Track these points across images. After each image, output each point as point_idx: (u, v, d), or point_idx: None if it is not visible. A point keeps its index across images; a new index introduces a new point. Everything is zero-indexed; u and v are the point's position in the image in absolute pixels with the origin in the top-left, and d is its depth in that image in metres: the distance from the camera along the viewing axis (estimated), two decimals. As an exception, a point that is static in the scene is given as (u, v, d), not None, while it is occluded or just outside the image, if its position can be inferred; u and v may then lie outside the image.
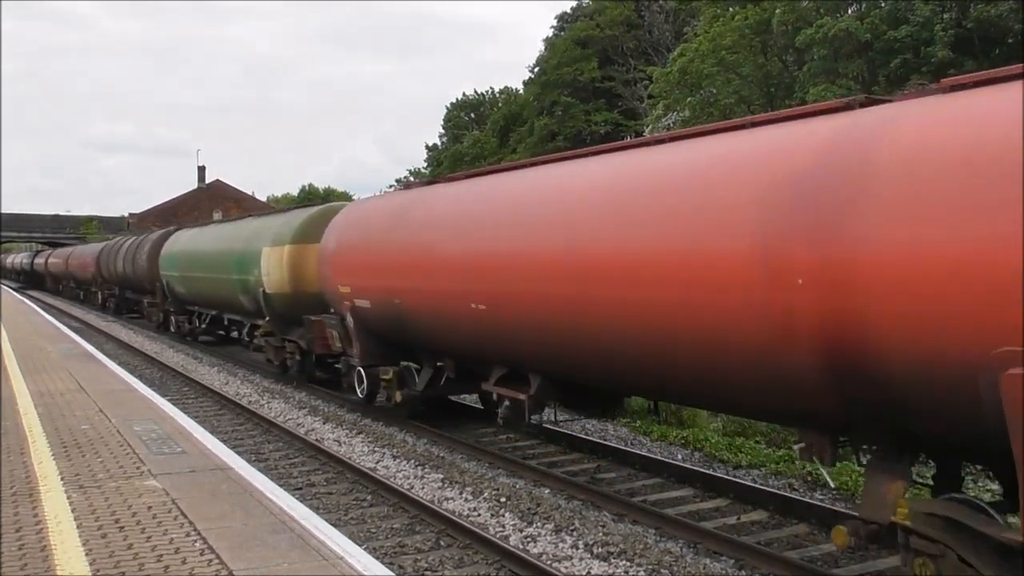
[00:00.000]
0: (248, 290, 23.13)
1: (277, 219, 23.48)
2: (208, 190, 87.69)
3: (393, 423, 16.86)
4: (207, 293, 28.33)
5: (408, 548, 9.92)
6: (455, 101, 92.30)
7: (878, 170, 6.73)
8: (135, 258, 38.58)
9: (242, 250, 23.80)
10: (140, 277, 37.95)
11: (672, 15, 55.14)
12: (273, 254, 21.42)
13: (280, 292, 21.17)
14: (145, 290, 38.18)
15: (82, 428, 12.39)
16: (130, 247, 41.17)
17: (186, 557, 7.01)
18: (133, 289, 42.02)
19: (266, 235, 22.44)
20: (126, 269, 40.86)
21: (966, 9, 31.26)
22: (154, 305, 36.55)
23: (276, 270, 21.24)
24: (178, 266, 31.26)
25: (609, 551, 9.59)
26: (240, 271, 23.68)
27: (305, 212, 22.01)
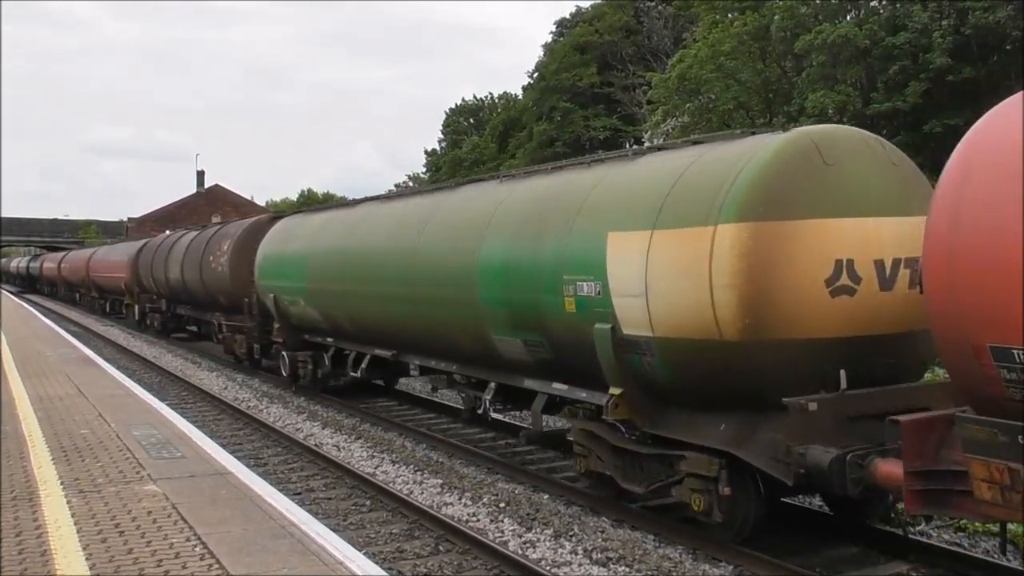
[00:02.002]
0: (545, 327, 11.23)
1: (621, 170, 11.12)
2: (207, 195, 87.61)
3: (391, 429, 16.88)
4: (395, 327, 15.70)
5: (407, 553, 9.92)
6: (454, 106, 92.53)
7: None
8: (206, 261, 27.09)
9: (553, 248, 10.99)
10: (215, 289, 26.59)
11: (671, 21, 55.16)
12: (672, 244, 9.24)
13: (703, 338, 8.90)
14: (218, 306, 27.05)
15: (81, 432, 12.40)
16: (194, 245, 29.38)
17: (186, 562, 7.02)
18: (195, 304, 31.15)
19: (612, 207, 10.41)
20: (186, 276, 29.73)
21: (964, 16, 31.29)
22: (239, 331, 25.03)
23: (688, 282, 8.97)
24: (308, 274, 18.75)
25: (608, 556, 9.60)
26: (538, 286, 11.19)
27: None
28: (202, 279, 27.63)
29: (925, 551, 9.35)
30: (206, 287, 27.56)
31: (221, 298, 26.23)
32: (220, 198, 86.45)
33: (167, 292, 34.18)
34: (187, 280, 29.78)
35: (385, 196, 18.99)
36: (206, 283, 27.38)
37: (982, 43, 31.47)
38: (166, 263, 32.84)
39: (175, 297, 33.60)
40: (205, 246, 27.66)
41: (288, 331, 20.74)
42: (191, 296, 30.66)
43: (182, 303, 33.33)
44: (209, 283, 27.07)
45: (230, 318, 25.85)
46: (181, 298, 32.71)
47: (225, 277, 25.22)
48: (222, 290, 25.85)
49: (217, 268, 25.86)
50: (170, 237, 35.92)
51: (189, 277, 29.43)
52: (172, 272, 31.80)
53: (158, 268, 34.26)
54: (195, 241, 29.79)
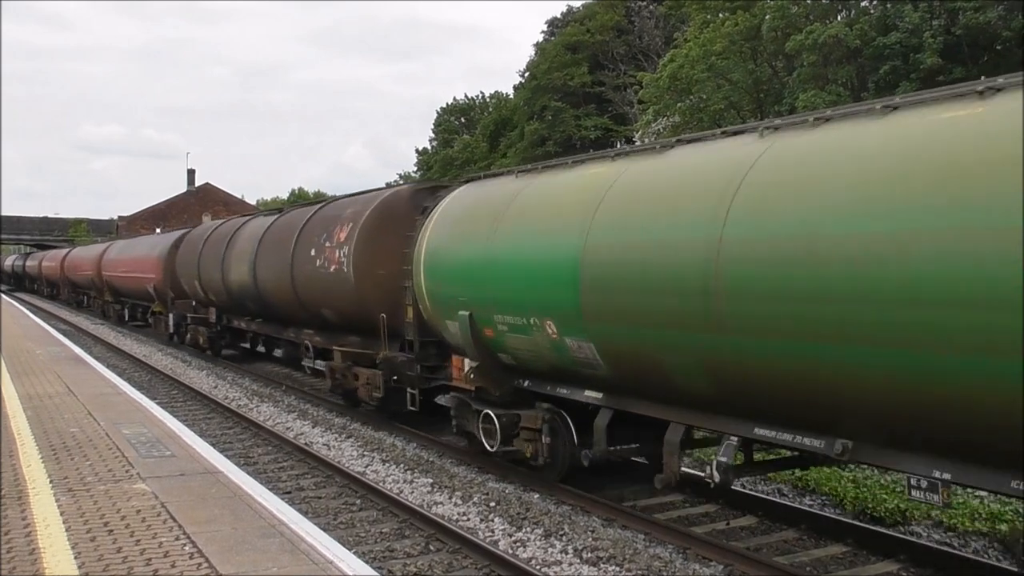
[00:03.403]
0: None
1: None
2: (197, 193, 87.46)
3: (382, 427, 16.86)
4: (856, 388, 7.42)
5: (397, 552, 9.91)
6: (445, 105, 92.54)
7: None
8: (301, 256, 18.99)
9: None
10: (318, 297, 18.55)
11: (662, 21, 55.21)
12: None
13: None
14: (318, 322, 19.59)
15: (71, 431, 12.36)
16: (274, 235, 21.54)
17: (175, 561, 7.00)
18: (271, 316, 23.08)
19: None
20: (261, 278, 21.87)
21: (955, 16, 31.41)
22: (359, 361, 17.38)
23: None
24: (582, 280, 10.12)
25: (598, 556, 9.60)
26: None
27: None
28: (293, 282, 19.42)
29: (915, 551, 9.37)
30: (299, 294, 19.32)
31: (328, 311, 18.40)
32: (211, 196, 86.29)
33: (222, 299, 25.91)
34: (262, 283, 21.86)
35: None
36: (300, 288, 19.15)
37: (973, 43, 31.58)
38: (224, 260, 24.65)
39: (234, 306, 25.39)
40: (298, 235, 19.40)
41: (492, 373, 12.54)
42: (265, 305, 22.48)
43: (245, 314, 25.18)
44: (307, 288, 18.87)
45: (343, 341, 18.19)
46: (246, 308, 24.54)
47: (345, 280, 16.77)
48: (336, 299, 17.60)
49: (327, 266, 17.53)
50: (225, 225, 27.83)
51: (267, 279, 21.47)
52: (234, 272, 23.84)
53: (209, 267, 26.18)
54: (276, 229, 21.78)
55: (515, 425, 12.28)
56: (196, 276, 27.59)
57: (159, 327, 33.67)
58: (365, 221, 16.60)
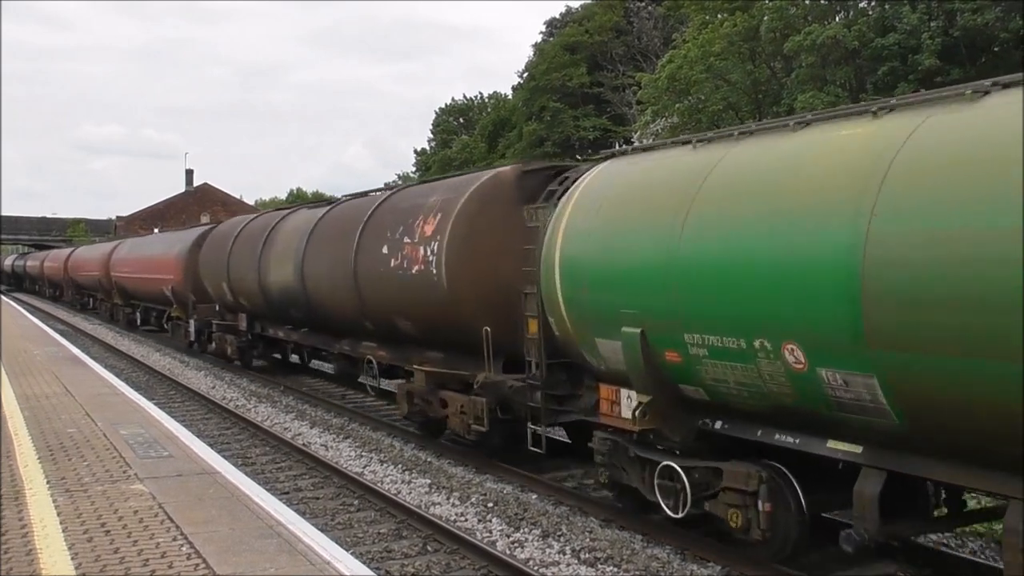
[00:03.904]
0: None
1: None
2: (196, 193, 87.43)
3: (380, 428, 16.85)
4: None
5: (395, 553, 9.91)
6: (444, 106, 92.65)
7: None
8: (368, 254, 15.68)
9: None
10: (390, 304, 15.17)
11: (661, 21, 55.22)
12: None
13: None
14: (384, 334, 16.17)
15: (68, 431, 12.35)
16: (328, 228, 18.29)
17: (172, 562, 7.00)
18: (320, 325, 19.43)
19: None
20: (312, 279, 18.40)
21: (953, 17, 31.43)
22: (450, 384, 14.06)
23: None
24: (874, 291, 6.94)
25: (596, 557, 9.60)
26: None
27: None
28: (356, 287, 16.00)
29: (912, 551, 9.37)
30: (364, 300, 15.94)
31: (403, 322, 14.93)
32: (209, 197, 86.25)
33: (257, 304, 22.61)
34: (312, 287, 18.44)
35: None
36: (366, 293, 15.81)
37: (971, 45, 31.60)
38: (260, 260, 21.42)
39: (273, 313, 21.94)
40: (363, 229, 16.08)
41: (670, 410, 9.52)
42: (315, 313, 18.97)
43: (286, 322, 21.67)
44: (376, 293, 15.50)
45: (420, 357, 14.87)
46: (287, 315, 21.00)
47: (432, 284, 13.48)
48: (418, 307, 14.23)
49: (406, 267, 14.18)
50: (260, 220, 24.26)
51: (318, 282, 18.09)
52: (275, 274, 20.59)
53: (241, 267, 22.93)
54: (330, 222, 18.42)
55: (712, 484, 9.23)
56: (224, 278, 24.13)
57: (177, 334, 30.70)
58: (460, 211, 13.26)
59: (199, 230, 30.24)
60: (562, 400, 11.96)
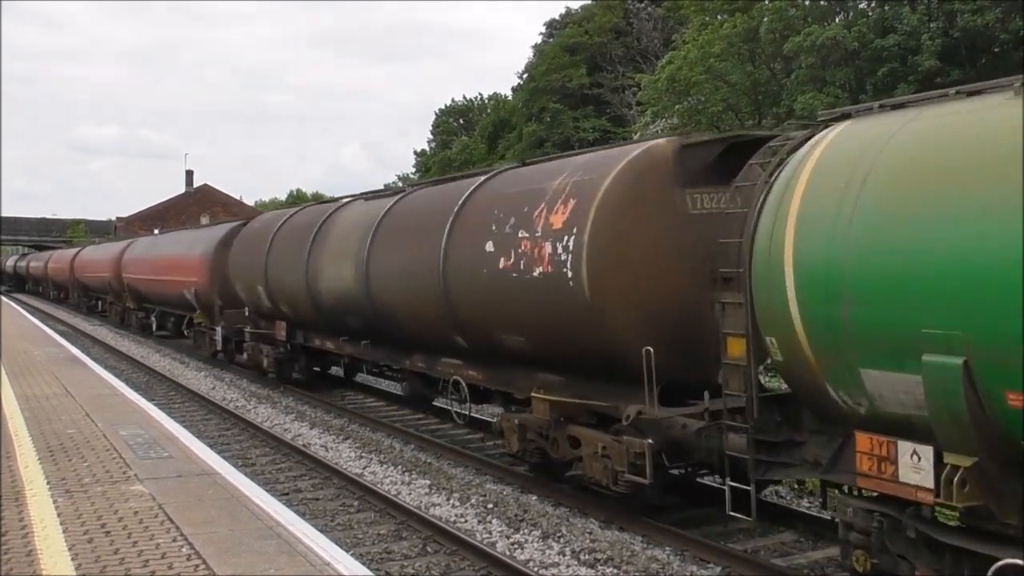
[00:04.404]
0: None
1: None
2: (196, 194, 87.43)
3: (380, 429, 16.85)
4: None
5: (395, 554, 9.91)
6: (444, 107, 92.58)
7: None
8: (463, 251, 12.78)
9: None
10: (493, 317, 12.29)
11: (660, 22, 55.18)
12: None
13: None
14: (490, 351, 12.95)
15: (68, 432, 12.36)
16: (407, 221, 15.19)
17: (172, 562, 7.00)
18: (389, 336, 16.22)
19: None
20: (378, 282, 15.45)
21: (953, 18, 31.41)
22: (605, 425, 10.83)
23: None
24: None
25: (596, 558, 9.60)
26: None
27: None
28: (445, 291, 13.06)
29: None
30: (457, 308, 12.97)
31: (513, 336, 11.99)
32: (209, 198, 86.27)
33: (303, 311, 19.34)
34: (381, 292, 15.33)
35: None
36: (460, 300, 12.89)
37: (971, 46, 31.57)
38: (309, 260, 18.19)
39: (324, 321, 18.65)
40: (453, 221, 13.13)
41: (1002, 474, 6.73)
42: (382, 322, 15.76)
43: (340, 332, 18.25)
44: (475, 300, 12.59)
45: (531, 380, 11.91)
46: (343, 324, 17.72)
47: (567, 290, 10.58)
48: (540, 318, 11.28)
49: (525, 268, 11.27)
50: (304, 214, 21.07)
51: (390, 285, 15.06)
52: (328, 276, 17.44)
53: (282, 268, 19.77)
54: (404, 213, 15.48)
55: None
56: (260, 280, 20.99)
57: (201, 342, 27.83)
58: (606, 196, 10.28)
59: (226, 227, 27.17)
60: (775, 448, 8.71)
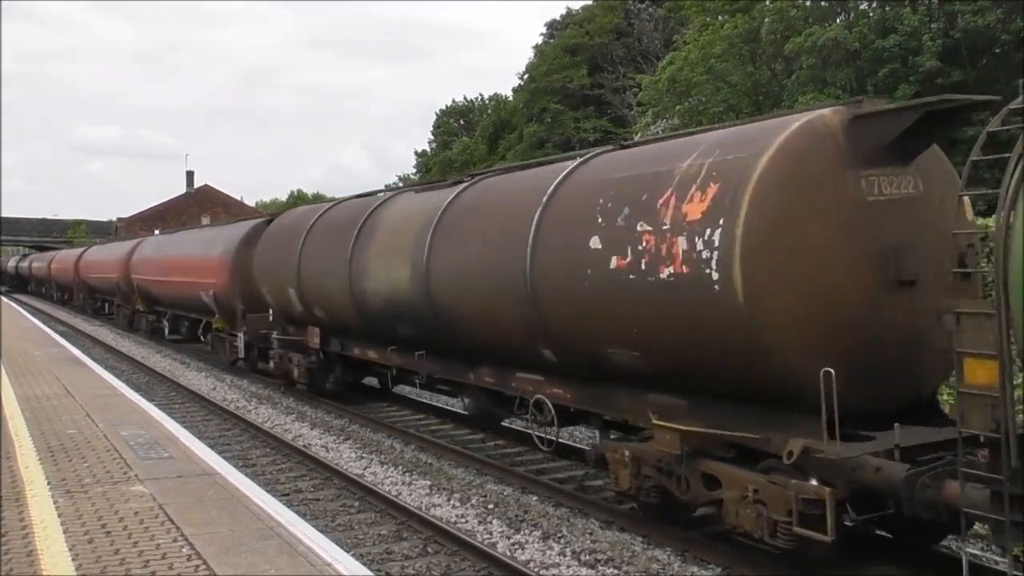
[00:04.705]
0: None
1: None
2: (196, 195, 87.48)
3: (380, 429, 16.84)
4: None
5: (395, 555, 9.90)
6: (444, 107, 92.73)
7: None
8: (556, 248, 10.60)
9: None
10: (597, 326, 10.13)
11: (661, 23, 55.25)
12: None
13: None
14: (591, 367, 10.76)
15: (69, 432, 12.36)
16: (476, 212, 12.98)
17: (173, 563, 7.00)
18: (453, 347, 13.81)
19: None
20: (440, 284, 13.21)
21: (954, 19, 31.46)
22: None
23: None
24: None
25: (596, 558, 9.60)
26: None
27: None
28: (532, 295, 10.96)
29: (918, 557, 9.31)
30: (545, 316, 10.93)
31: (621, 351, 9.94)
32: (210, 198, 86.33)
33: (344, 317, 17.06)
34: (444, 294, 13.22)
35: None
36: (551, 306, 10.80)
37: (971, 46, 31.60)
38: (352, 259, 16.01)
39: (370, 328, 16.37)
40: (541, 213, 11.04)
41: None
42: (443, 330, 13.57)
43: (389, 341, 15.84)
44: (573, 306, 10.45)
45: (646, 400, 10.03)
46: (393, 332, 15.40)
47: (709, 296, 8.52)
48: (664, 328, 9.27)
49: (648, 269, 9.19)
50: (341, 208, 18.85)
51: (454, 286, 13.03)
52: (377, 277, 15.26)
53: (319, 269, 17.69)
54: (471, 204, 13.35)
55: None
56: (291, 282, 18.87)
57: (220, 348, 25.93)
58: (762, 180, 8.19)
59: (249, 224, 25.08)
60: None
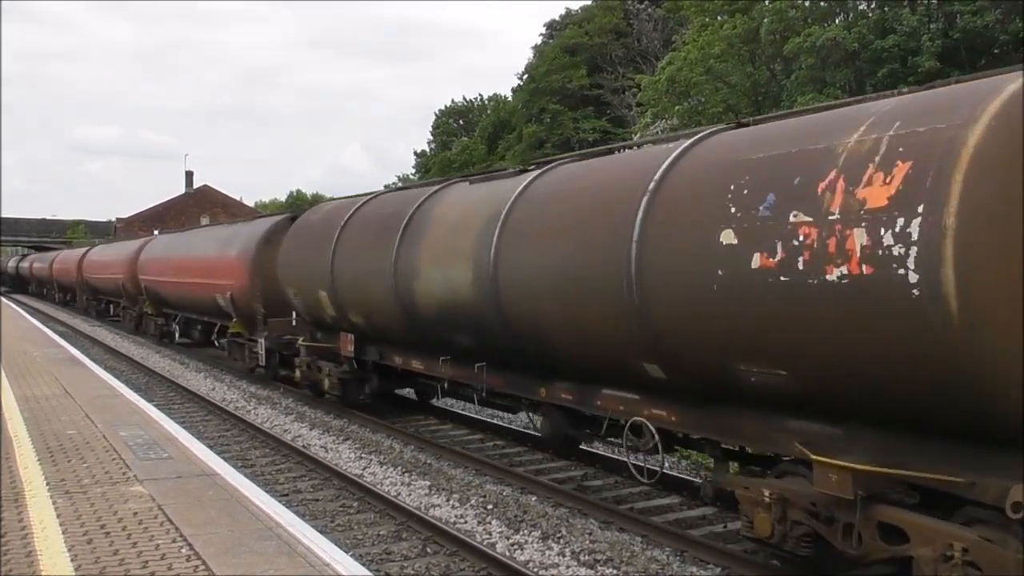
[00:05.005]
0: None
1: None
2: (196, 195, 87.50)
3: (380, 430, 16.84)
4: None
5: (394, 555, 9.91)
6: (444, 108, 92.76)
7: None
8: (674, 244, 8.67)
9: None
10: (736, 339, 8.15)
11: (661, 23, 55.23)
12: None
13: None
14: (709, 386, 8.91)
15: (68, 433, 12.36)
16: (556, 203, 10.96)
17: (172, 563, 7.00)
18: (522, 358, 11.92)
19: None
20: (511, 285, 11.30)
21: (953, 19, 31.45)
22: None
23: None
24: None
25: (596, 559, 9.60)
26: None
27: None
28: (640, 300, 9.02)
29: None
30: (655, 324, 8.99)
31: (763, 368, 8.04)
32: (209, 199, 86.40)
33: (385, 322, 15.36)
34: (516, 298, 11.36)
35: None
36: (665, 313, 8.87)
37: (971, 47, 31.60)
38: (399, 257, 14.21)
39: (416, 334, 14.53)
40: (648, 202, 9.11)
41: None
42: (513, 339, 11.73)
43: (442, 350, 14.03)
44: (692, 314, 8.54)
45: (785, 427, 8.33)
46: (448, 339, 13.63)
47: (899, 303, 6.62)
48: (832, 342, 7.26)
49: (803, 270, 7.35)
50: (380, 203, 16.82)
51: (528, 288, 11.14)
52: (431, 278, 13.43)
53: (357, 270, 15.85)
54: (547, 193, 11.51)
55: None
56: (323, 284, 17.02)
57: (238, 355, 24.24)
58: (979, 154, 6.47)
59: (270, 221, 23.47)
60: None
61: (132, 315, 38.31)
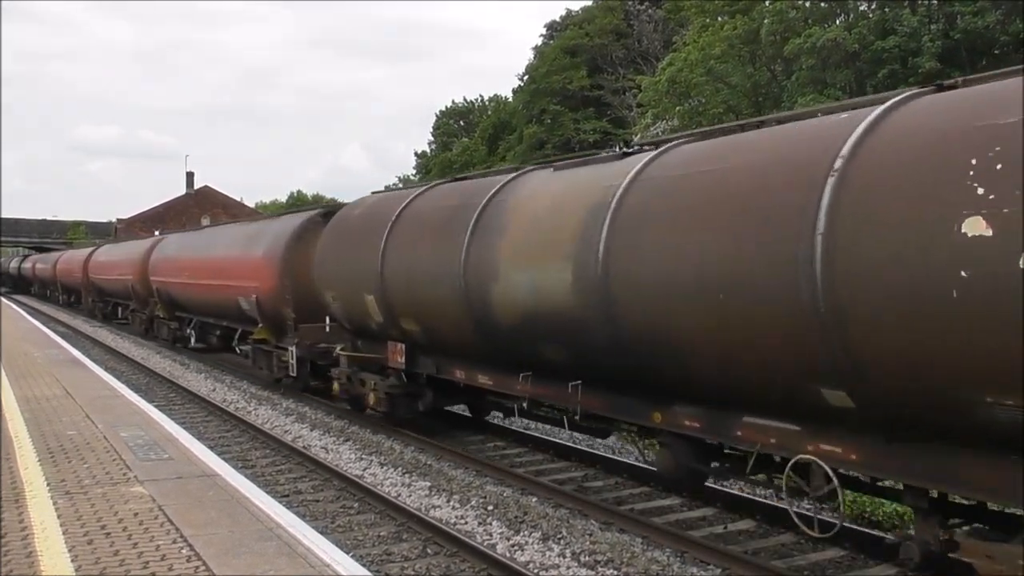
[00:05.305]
0: None
1: None
2: (196, 196, 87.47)
3: (380, 431, 16.83)
4: None
5: (395, 556, 9.90)
6: (444, 108, 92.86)
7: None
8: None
9: None
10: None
11: (661, 24, 55.25)
12: None
13: None
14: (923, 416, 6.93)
15: (68, 434, 12.36)
16: (710, 186, 8.66)
17: (172, 564, 7.00)
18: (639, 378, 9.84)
19: None
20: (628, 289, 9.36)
21: (953, 20, 31.46)
22: None
23: None
24: None
25: (596, 560, 9.60)
26: None
27: None
28: (829, 310, 7.09)
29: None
30: (851, 343, 7.06)
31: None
32: (209, 199, 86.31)
33: (452, 331, 13.43)
34: (633, 305, 9.41)
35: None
36: (873, 323, 6.89)
37: (971, 48, 31.62)
38: (467, 256, 12.33)
39: (491, 346, 12.58)
40: (835, 187, 7.13)
41: None
42: (625, 353, 9.76)
43: (522, 365, 11.98)
44: (924, 328, 6.51)
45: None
46: (532, 353, 11.58)
47: None
48: None
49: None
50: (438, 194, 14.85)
51: (653, 293, 9.14)
52: (516, 280, 11.38)
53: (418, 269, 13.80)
54: (671, 178, 9.39)
55: None
56: (369, 287, 15.03)
57: (264, 364, 22.02)
58: None
59: (301, 217, 21.29)
60: None
61: (142, 318, 36.19)
